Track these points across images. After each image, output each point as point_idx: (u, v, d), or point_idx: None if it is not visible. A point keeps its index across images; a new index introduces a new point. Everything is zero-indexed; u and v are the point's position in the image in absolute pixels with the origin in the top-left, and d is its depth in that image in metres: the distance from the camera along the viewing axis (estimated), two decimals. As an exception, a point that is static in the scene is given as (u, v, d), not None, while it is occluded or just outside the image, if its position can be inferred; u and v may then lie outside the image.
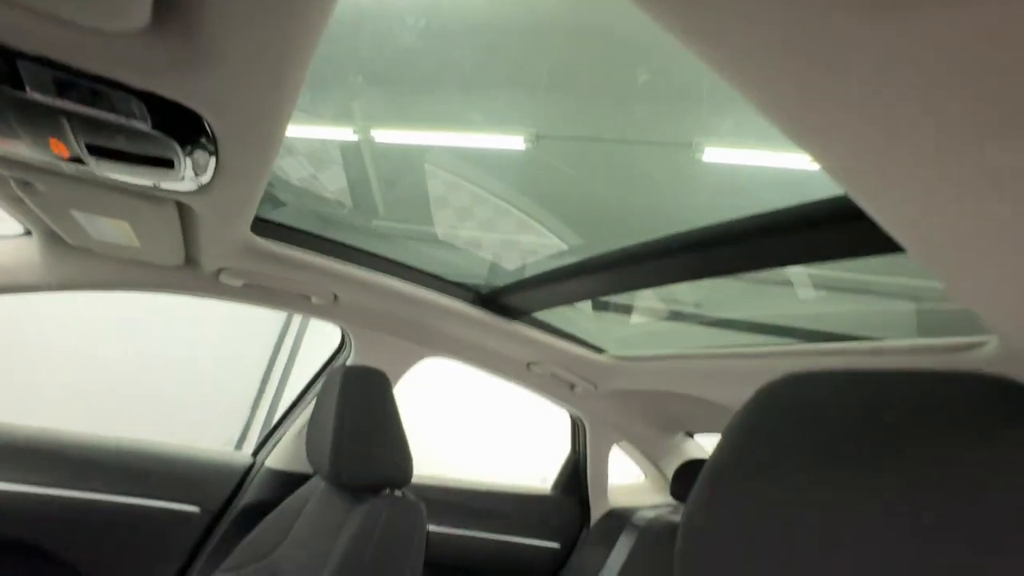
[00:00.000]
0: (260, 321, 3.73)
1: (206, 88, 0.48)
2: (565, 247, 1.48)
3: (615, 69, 1.15)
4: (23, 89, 0.44)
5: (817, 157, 0.41)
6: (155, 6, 0.37)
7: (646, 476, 2.09)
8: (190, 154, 0.58)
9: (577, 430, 1.91)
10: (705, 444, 2.06)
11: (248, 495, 1.37)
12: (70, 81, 0.45)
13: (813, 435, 0.38)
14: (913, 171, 0.39)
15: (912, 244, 0.50)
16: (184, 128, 0.53)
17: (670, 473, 1.88)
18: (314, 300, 1.26)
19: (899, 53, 0.30)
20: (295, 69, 0.46)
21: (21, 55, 0.42)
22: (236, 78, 0.46)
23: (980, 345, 0.78)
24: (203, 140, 0.56)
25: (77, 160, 0.57)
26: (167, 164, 0.58)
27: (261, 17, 0.40)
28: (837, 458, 0.36)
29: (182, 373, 3.26)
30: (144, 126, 0.51)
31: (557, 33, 1.12)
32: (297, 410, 1.50)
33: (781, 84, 0.35)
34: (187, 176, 0.63)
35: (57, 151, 0.54)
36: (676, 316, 1.60)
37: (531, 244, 1.60)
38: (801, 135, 0.39)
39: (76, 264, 1.05)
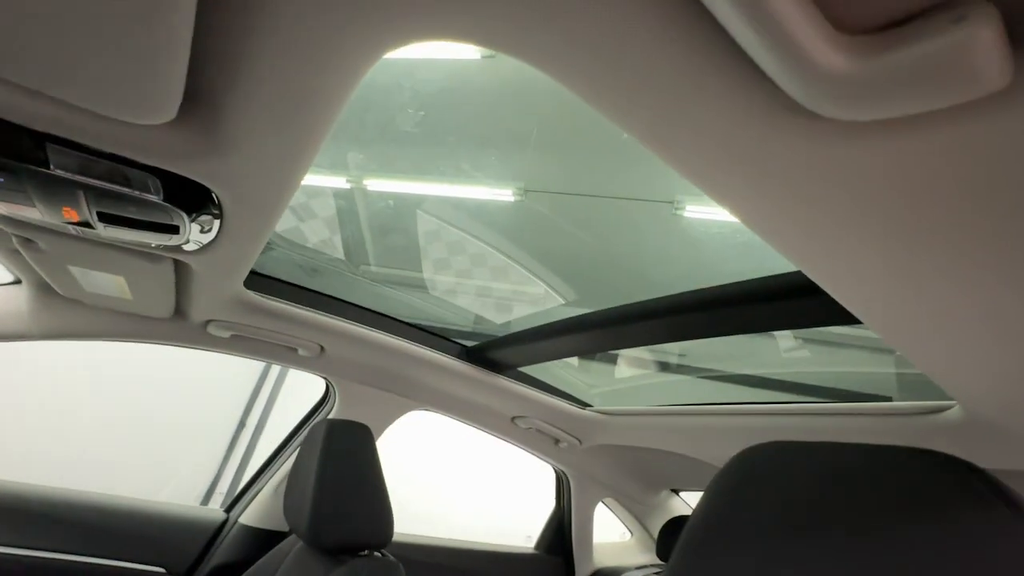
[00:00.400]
0: (237, 365, 3.63)
1: (220, 168, 0.51)
2: (558, 300, 1.52)
3: (599, 128, 1.22)
4: (48, 167, 0.47)
5: (778, 248, 0.45)
6: (183, 102, 0.41)
7: (632, 534, 2.04)
8: (195, 219, 0.61)
9: (562, 486, 1.88)
10: (692, 500, 2.03)
11: (219, 555, 1.31)
12: (93, 161, 0.48)
13: (784, 504, 0.41)
14: (863, 255, 0.44)
15: (869, 320, 0.54)
16: (193, 200, 0.56)
17: (656, 531, 1.84)
18: (301, 352, 1.26)
19: (837, 171, 0.36)
20: (309, 150, 0.50)
21: (50, 138, 0.46)
22: (250, 160, 0.50)
23: (945, 409, 0.82)
24: (210, 208, 0.59)
25: (85, 224, 0.60)
26: (172, 230, 0.61)
27: (280, 109, 0.44)
28: (805, 527, 0.38)
29: (148, 418, 3.08)
30: (156, 198, 0.54)
31: (542, 94, 1.19)
32: (276, 464, 1.46)
33: (731, 183, 0.40)
34: (191, 239, 0.65)
35: (68, 217, 0.57)
36: (661, 368, 1.63)
37: (518, 298, 1.64)
38: (756, 226, 0.44)
39: (64, 314, 1.05)
